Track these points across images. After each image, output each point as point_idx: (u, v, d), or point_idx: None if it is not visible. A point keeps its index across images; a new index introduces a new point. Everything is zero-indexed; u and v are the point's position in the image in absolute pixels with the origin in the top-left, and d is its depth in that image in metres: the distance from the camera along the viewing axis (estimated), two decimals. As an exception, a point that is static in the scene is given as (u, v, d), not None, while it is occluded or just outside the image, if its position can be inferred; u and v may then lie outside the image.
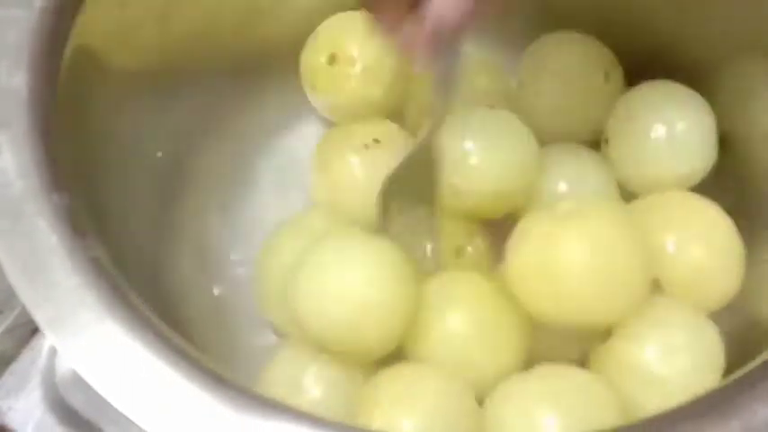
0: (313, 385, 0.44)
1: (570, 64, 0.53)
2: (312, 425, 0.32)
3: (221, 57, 0.54)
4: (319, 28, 0.55)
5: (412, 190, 0.46)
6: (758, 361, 0.34)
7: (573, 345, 0.45)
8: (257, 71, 0.56)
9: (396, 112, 0.55)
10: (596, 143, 0.53)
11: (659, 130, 0.48)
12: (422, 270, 0.45)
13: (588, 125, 0.53)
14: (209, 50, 0.53)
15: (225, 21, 0.53)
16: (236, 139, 0.57)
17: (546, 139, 0.51)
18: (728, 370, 0.40)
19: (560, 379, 0.40)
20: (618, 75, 0.54)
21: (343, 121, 0.55)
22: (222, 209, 0.55)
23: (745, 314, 0.44)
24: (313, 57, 0.54)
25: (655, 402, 0.38)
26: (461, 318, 0.43)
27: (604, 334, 0.42)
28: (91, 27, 0.43)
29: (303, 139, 0.58)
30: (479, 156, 0.46)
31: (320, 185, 0.52)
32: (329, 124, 0.57)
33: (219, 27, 0.53)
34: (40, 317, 0.34)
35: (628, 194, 0.50)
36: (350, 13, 0.55)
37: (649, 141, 0.48)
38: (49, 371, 0.48)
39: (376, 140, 0.50)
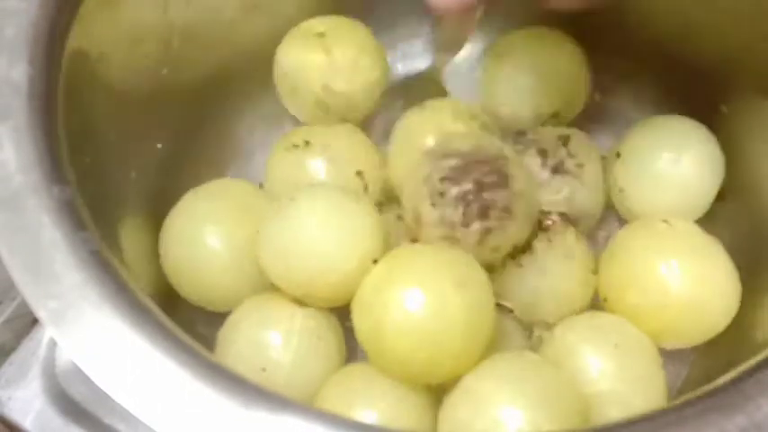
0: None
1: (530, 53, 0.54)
2: (318, 419, 0.32)
3: (220, 48, 0.53)
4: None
5: None
6: (762, 355, 0.34)
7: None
8: (256, 65, 0.56)
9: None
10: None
11: (666, 161, 0.49)
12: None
13: (553, 98, 0.54)
14: (209, 42, 0.53)
15: (224, 14, 0.53)
16: (236, 130, 0.57)
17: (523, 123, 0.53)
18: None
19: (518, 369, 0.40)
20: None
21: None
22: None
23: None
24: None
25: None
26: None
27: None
28: (92, 18, 0.43)
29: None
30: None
31: (266, 182, 0.53)
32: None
33: (219, 19, 0.53)
34: (41, 311, 0.33)
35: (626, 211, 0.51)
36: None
37: (656, 170, 0.49)
38: (49, 362, 0.48)
39: (306, 142, 0.51)
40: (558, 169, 0.50)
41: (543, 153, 0.50)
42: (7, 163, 0.37)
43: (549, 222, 0.48)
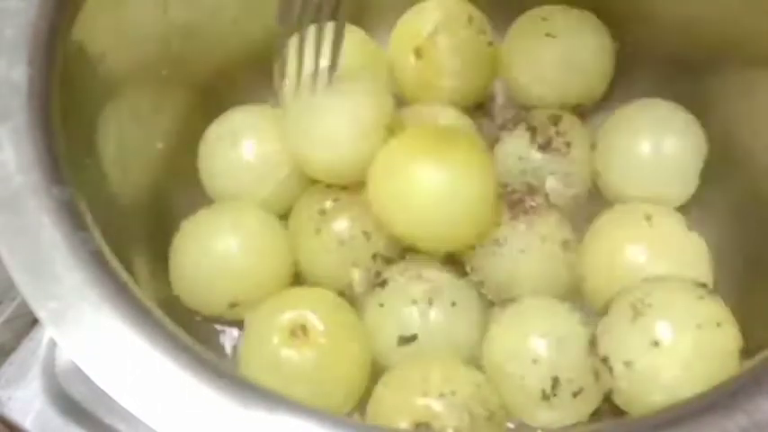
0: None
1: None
2: (316, 419, 0.32)
3: (220, 48, 0.54)
4: None
5: None
6: (762, 356, 0.34)
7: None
8: (256, 65, 0.56)
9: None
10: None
11: (645, 147, 0.49)
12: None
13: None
14: (209, 42, 0.53)
15: (224, 14, 0.53)
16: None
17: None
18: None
19: None
20: None
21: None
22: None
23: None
24: None
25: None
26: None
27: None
28: (91, 19, 0.43)
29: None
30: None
31: None
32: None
33: (219, 19, 0.53)
34: (41, 312, 0.34)
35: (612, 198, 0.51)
36: None
37: (634, 156, 0.49)
38: (49, 362, 0.48)
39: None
40: (546, 147, 0.50)
41: (533, 130, 0.51)
42: (7, 163, 0.37)
43: (533, 204, 0.48)
